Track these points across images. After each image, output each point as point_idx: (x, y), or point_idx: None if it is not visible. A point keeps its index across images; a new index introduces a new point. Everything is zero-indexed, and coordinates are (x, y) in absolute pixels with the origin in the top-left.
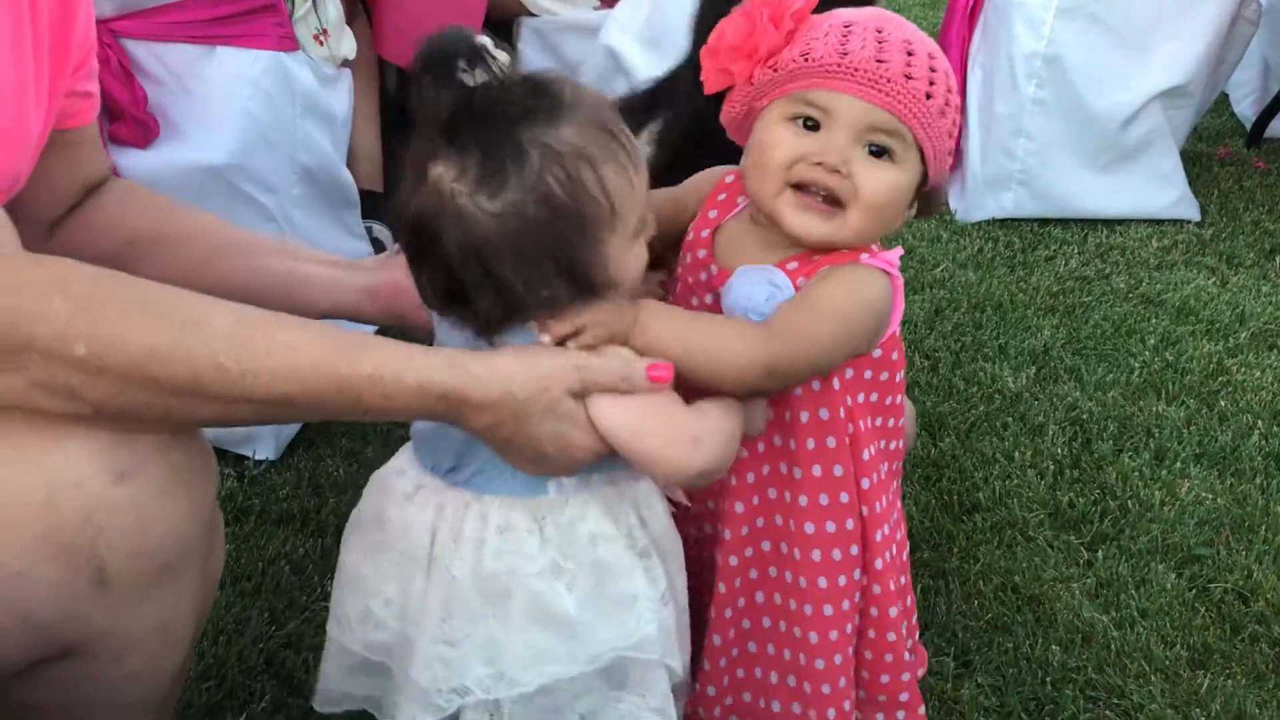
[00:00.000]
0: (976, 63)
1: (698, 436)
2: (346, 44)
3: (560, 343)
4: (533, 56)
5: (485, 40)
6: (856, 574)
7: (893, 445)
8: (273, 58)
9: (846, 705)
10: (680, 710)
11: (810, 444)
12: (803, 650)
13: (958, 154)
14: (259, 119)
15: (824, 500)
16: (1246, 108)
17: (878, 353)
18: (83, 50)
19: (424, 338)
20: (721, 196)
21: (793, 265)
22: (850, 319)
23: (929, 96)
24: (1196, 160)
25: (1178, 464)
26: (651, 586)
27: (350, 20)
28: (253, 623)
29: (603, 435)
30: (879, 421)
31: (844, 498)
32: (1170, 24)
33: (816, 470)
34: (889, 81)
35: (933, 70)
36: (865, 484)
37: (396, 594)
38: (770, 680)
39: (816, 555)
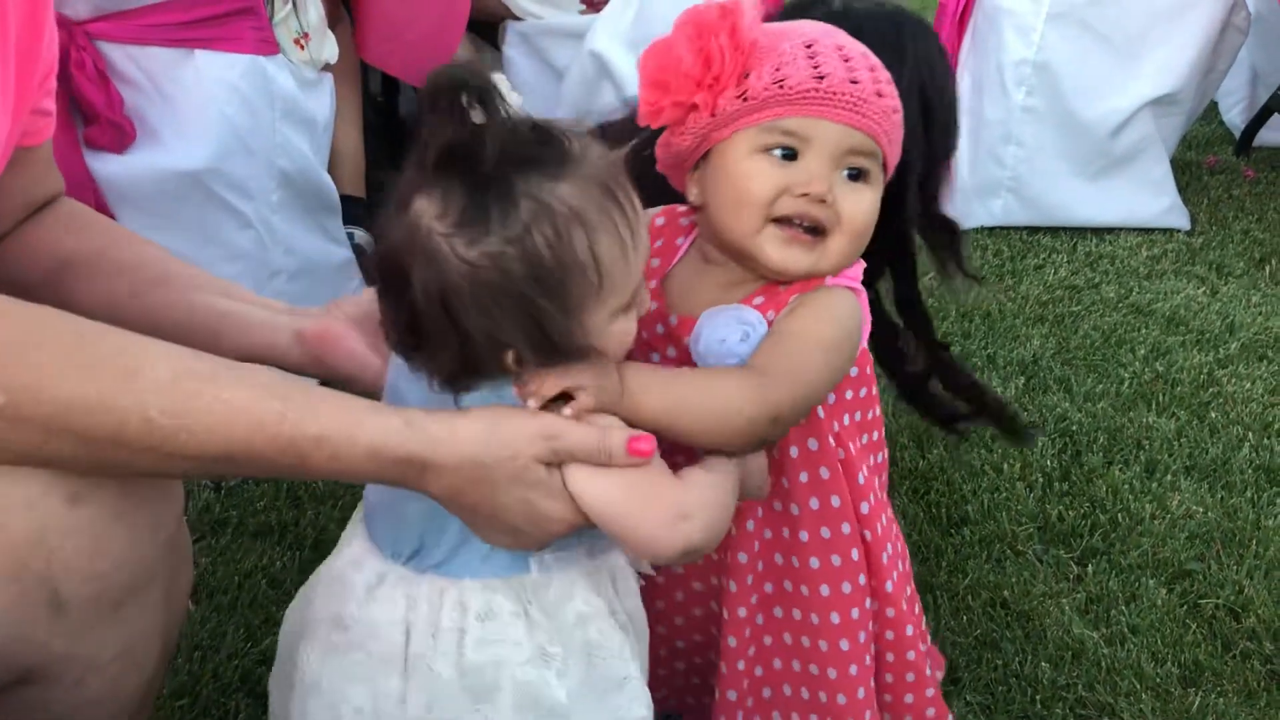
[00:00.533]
0: (966, 69)
1: (686, 511)
2: (329, 48)
3: (544, 408)
4: (518, 60)
5: (500, 78)
6: (868, 603)
7: (879, 458)
8: (251, 61)
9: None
10: None
11: (804, 478)
12: (823, 688)
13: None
14: (237, 124)
15: (825, 534)
16: (1235, 116)
17: (854, 370)
18: (47, 65)
19: (364, 394)
20: (658, 242)
21: (759, 300)
22: (836, 346)
23: (895, 111)
24: (1186, 169)
25: (1168, 477)
26: (636, 665)
27: (333, 24)
28: (228, 639)
29: (579, 504)
30: (865, 439)
31: (845, 528)
32: (1160, 31)
33: (814, 504)
34: (865, 102)
35: (888, 81)
36: (864, 508)
37: (366, 699)
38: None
39: (825, 590)
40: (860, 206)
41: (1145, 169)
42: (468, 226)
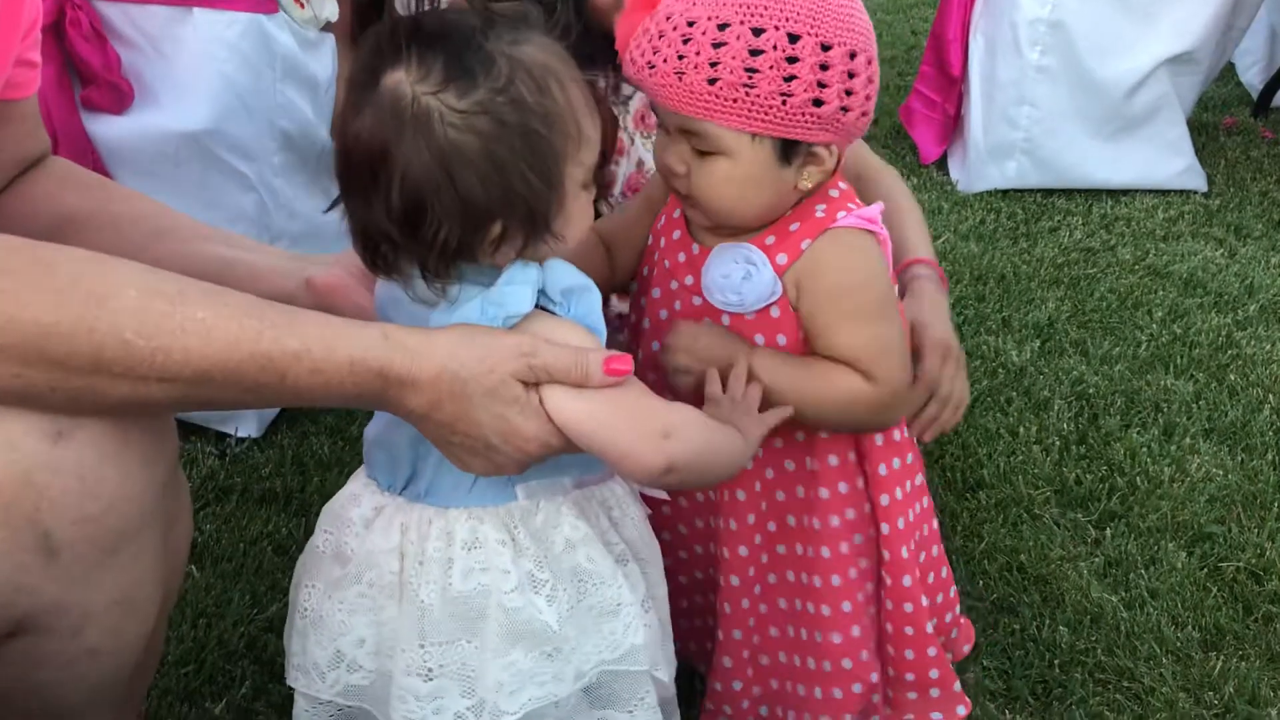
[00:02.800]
0: (979, 29)
1: (667, 429)
2: (329, 6)
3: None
4: None
5: None
6: (863, 563)
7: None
8: (250, 19)
9: (873, 677)
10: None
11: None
12: (818, 627)
13: (958, 122)
14: (237, 83)
15: (824, 494)
16: (1253, 76)
17: None
18: (30, 18)
19: None
20: None
21: (770, 240)
22: (886, 298)
23: (713, 81)
24: (1202, 130)
25: (1187, 439)
26: (633, 593)
27: None
28: (233, 605)
29: (561, 428)
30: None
31: (842, 488)
32: None
33: (833, 460)
34: (667, 87)
35: (717, 46)
36: (883, 469)
37: (369, 630)
38: (793, 663)
39: (822, 534)
40: (709, 179)
41: (1161, 130)
42: (455, 81)
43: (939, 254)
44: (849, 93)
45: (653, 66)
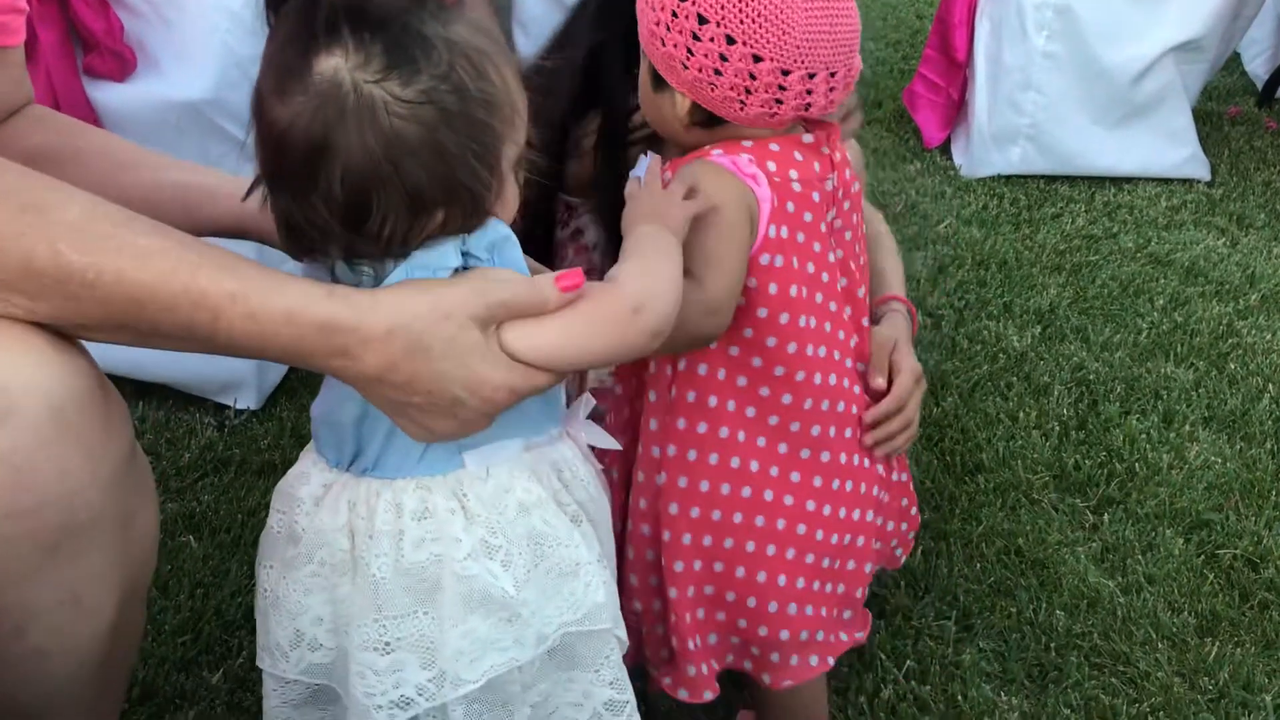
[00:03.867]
0: (985, 14)
1: (636, 304)
2: None
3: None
4: (533, 4)
5: None
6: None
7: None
8: None
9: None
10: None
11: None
12: (742, 563)
13: (962, 107)
14: (239, 53)
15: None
16: (1258, 66)
17: (748, 332)
18: None
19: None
20: None
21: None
22: (724, 220)
23: (649, 21)
24: (1207, 119)
25: (1186, 427)
26: (590, 552)
27: None
28: (231, 575)
29: (540, 363)
30: (752, 413)
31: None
32: None
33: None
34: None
35: None
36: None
37: (325, 608)
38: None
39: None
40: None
41: (1166, 118)
42: (397, 69)
43: (942, 238)
44: (690, 52)
45: None
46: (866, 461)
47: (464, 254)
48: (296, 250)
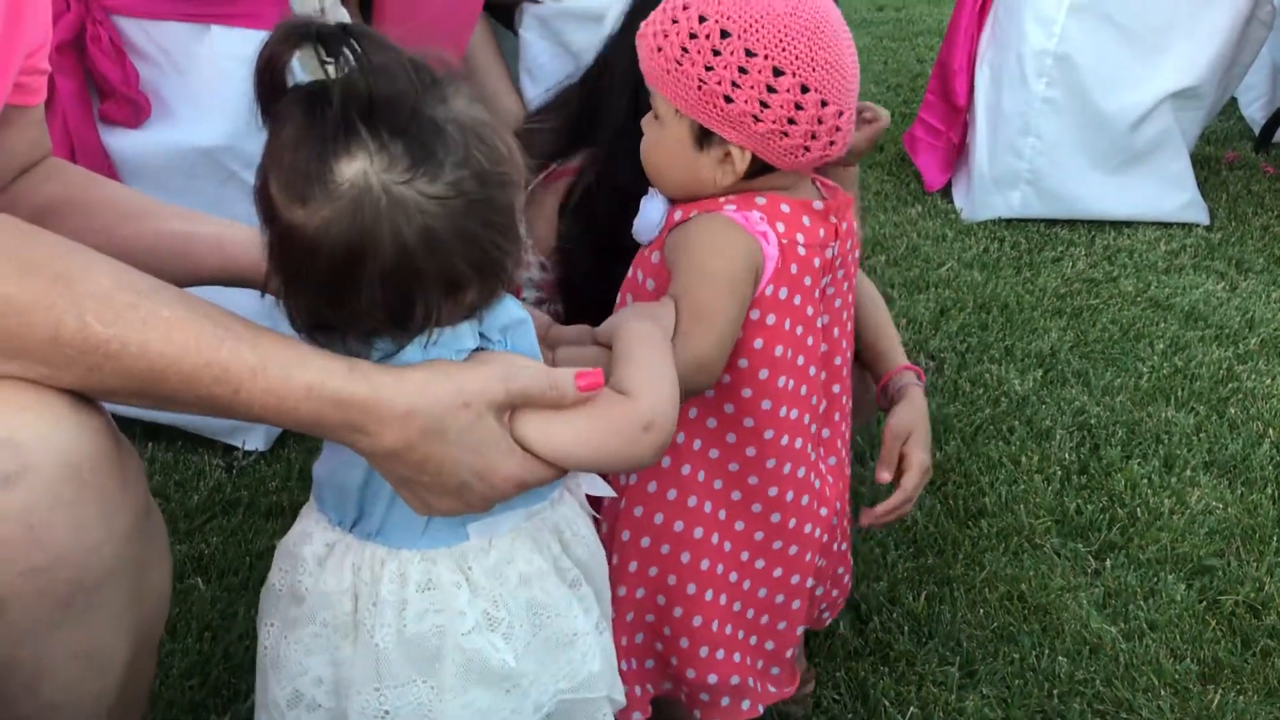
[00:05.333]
0: (985, 60)
1: (647, 422)
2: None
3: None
4: (535, 44)
5: (340, 15)
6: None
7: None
8: (268, 37)
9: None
10: None
11: None
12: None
13: (963, 150)
14: (252, 100)
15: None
16: (1255, 111)
17: (726, 378)
18: (41, 27)
19: None
20: None
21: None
22: (725, 274)
23: (658, 50)
24: (1204, 164)
25: (1187, 472)
26: (587, 619)
27: (344, 1)
28: (239, 618)
29: (551, 458)
30: (715, 455)
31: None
32: (1183, 24)
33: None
34: (639, 48)
35: (673, 22)
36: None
37: (327, 669)
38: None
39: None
40: (647, 140)
41: (1164, 163)
42: (421, 165)
43: (943, 281)
44: (764, 104)
45: (641, 31)
46: (809, 529)
47: (480, 334)
48: (314, 336)
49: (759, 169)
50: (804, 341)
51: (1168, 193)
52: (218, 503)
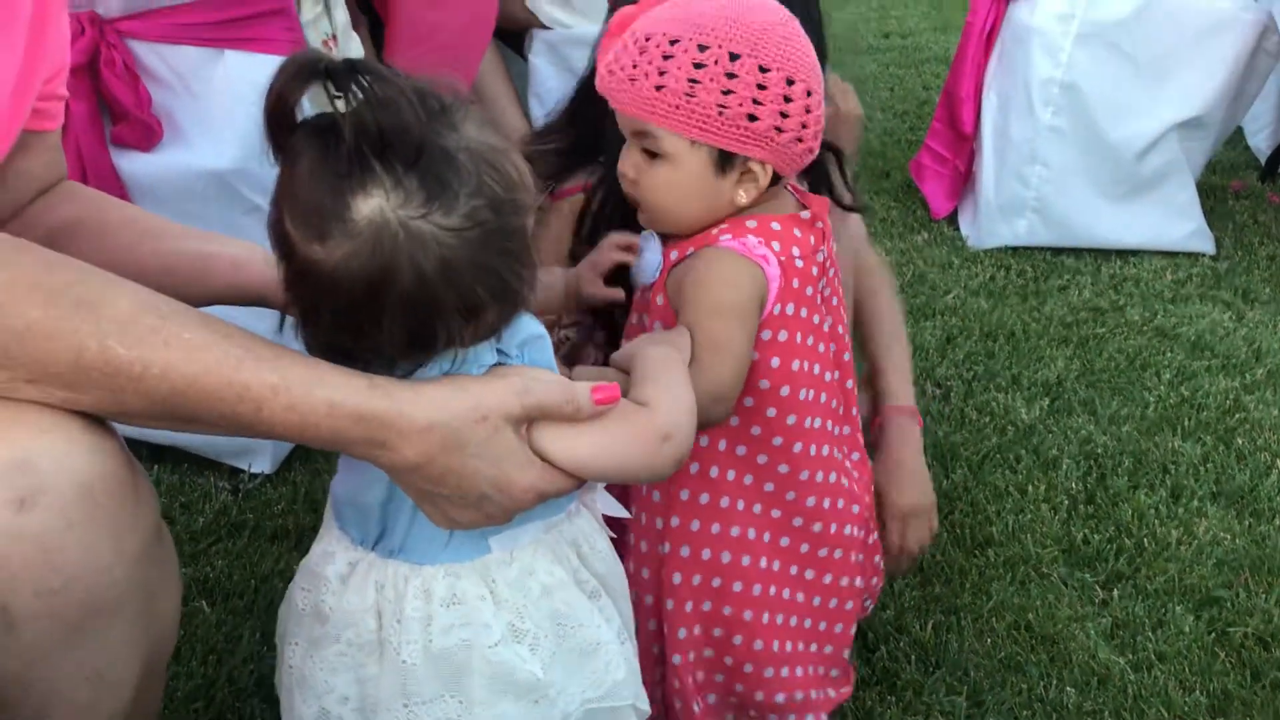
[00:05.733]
0: (992, 88)
1: (665, 433)
2: (354, 49)
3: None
4: (544, 69)
5: (352, 40)
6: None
7: (794, 521)
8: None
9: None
10: None
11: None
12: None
13: (969, 178)
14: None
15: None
16: (1261, 141)
17: (749, 401)
18: (60, 54)
19: None
20: None
21: (683, 240)
22: (733, 305)
23: (659, 88)
24: (1210, 193)
25: (1194, 502)
26: (609, 628)
27: (354, 26)
28: (244, 642)
29: (570, 468)
30: (750, 480)
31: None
32: (1189, 54)
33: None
34: (622, 90)
35: (666, 58)
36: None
37: (352, 688)
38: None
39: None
40: (652, 184)
41: (1171, 192)
42: (436, 199)
43: (950, 309)
44: (784, 115)
45: (613, 73)
46: (849, 530)
47: (498, 350)
48: (334, 360)
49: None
50: (816, 350)
51: (1174, 222)
52: (223, 525)
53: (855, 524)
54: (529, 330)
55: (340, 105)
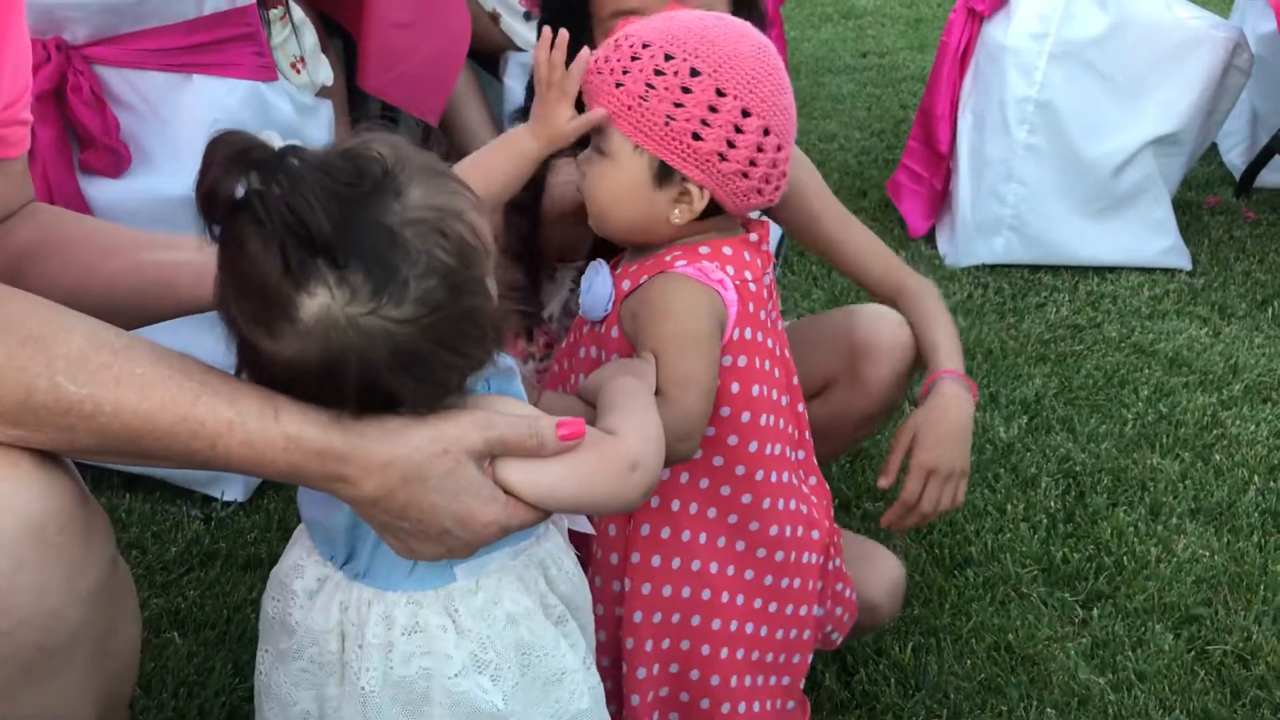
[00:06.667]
0: (968, 107)
1: (633, 462)
2: (323, 71)
3: None
4: (519, 92)
5: (270, 135)
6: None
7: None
8: (250, 87)
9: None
10: None
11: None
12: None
13: (946, 196)
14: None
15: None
16: (1235, 157)
17: (711, 430)
18: (19, 79)
19: None
20: None
21: (633, 268)
22: (695, 334)
23: (619, 85)
24: (1186, 209)
25: (1173, 519)
26: (575, 655)
27: (323, 49)
28: (215, 674)
29: (535, 501)
30: (713, 514)
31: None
32: (1163, 72)
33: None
34: (590, 82)
35: (634, 59)
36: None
37: (313, 703)
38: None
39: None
40: (594, 177)
41: (1147, 209)
42: (384, 289)
43: None
44: (731, 144)
45: (599, 73)
46: (808, 558)
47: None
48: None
49: (707, 212)
50: (772, 374)
51: (1150, 238)
52: (195, 555)
53: (814, 551)
54: (500, 362)
55: (274, 189)
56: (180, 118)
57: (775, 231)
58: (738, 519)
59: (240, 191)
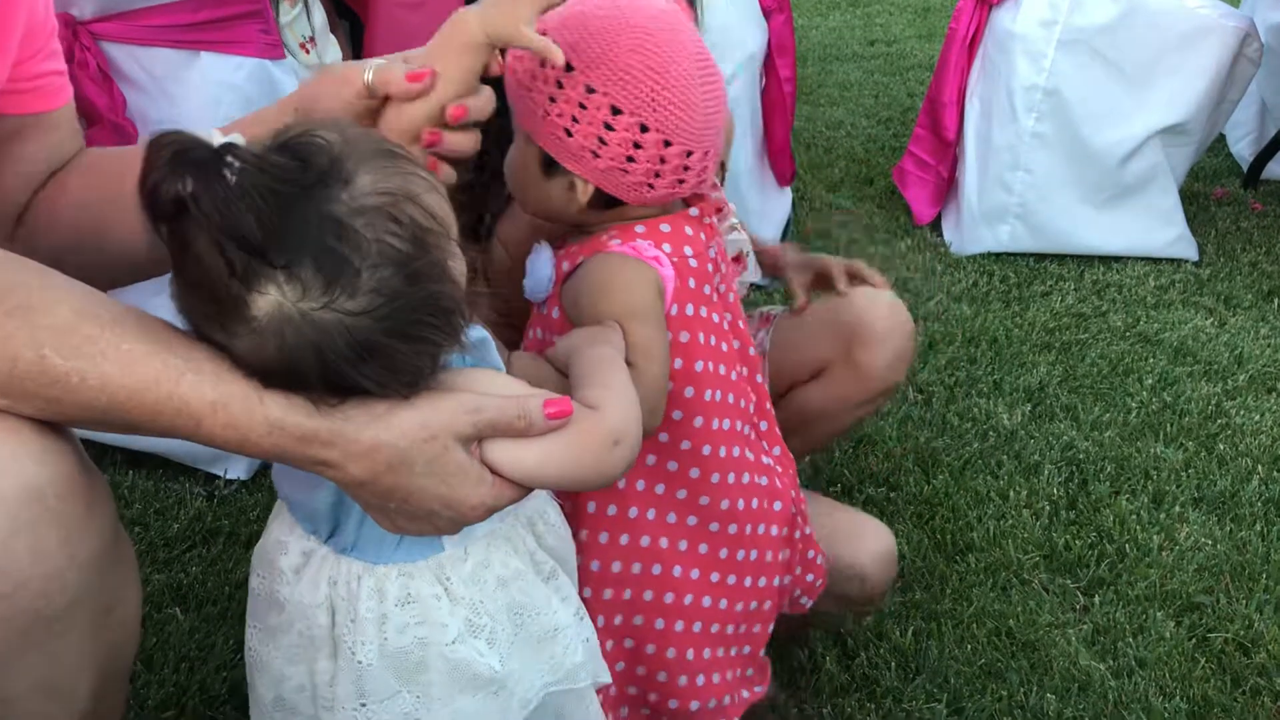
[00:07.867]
0: (975, 94)
1: (616, 437)
2: (331, 52)
3: None
4: None
5: (211, 133)
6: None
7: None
8: (257, 64)
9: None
10: None
11: None
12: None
13: (952, 184)
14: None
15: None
16: (1244, 148)
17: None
18: (44, 33)
19: None
20: None
21: (574, 249)
22: (638, 306)
23: (514, 73)
24: (1193, 200)
25: (1176, 508)
26: (566, 609)
27: (332, 29)
28: (217, 649)
29: (521, 480)
30: (661, 490)
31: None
32: (1172, 61)
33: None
34: (509, 65)
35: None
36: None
37: (305, 677)
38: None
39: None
40: (509, 155)
41: (1154, 198)
42: (336, 283)
43: (932, 315)
44: (603, 141)
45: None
46: (767, 529)
47: None
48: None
49: (611, 200)
50: (719, 349)
51: (1157, 228)
52: (198, 532)
53: (777, 523)
54: (472, 335)
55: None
56: (187, 95)
57: (782, 214)
58: (687, 494)
59: (180, 193)
